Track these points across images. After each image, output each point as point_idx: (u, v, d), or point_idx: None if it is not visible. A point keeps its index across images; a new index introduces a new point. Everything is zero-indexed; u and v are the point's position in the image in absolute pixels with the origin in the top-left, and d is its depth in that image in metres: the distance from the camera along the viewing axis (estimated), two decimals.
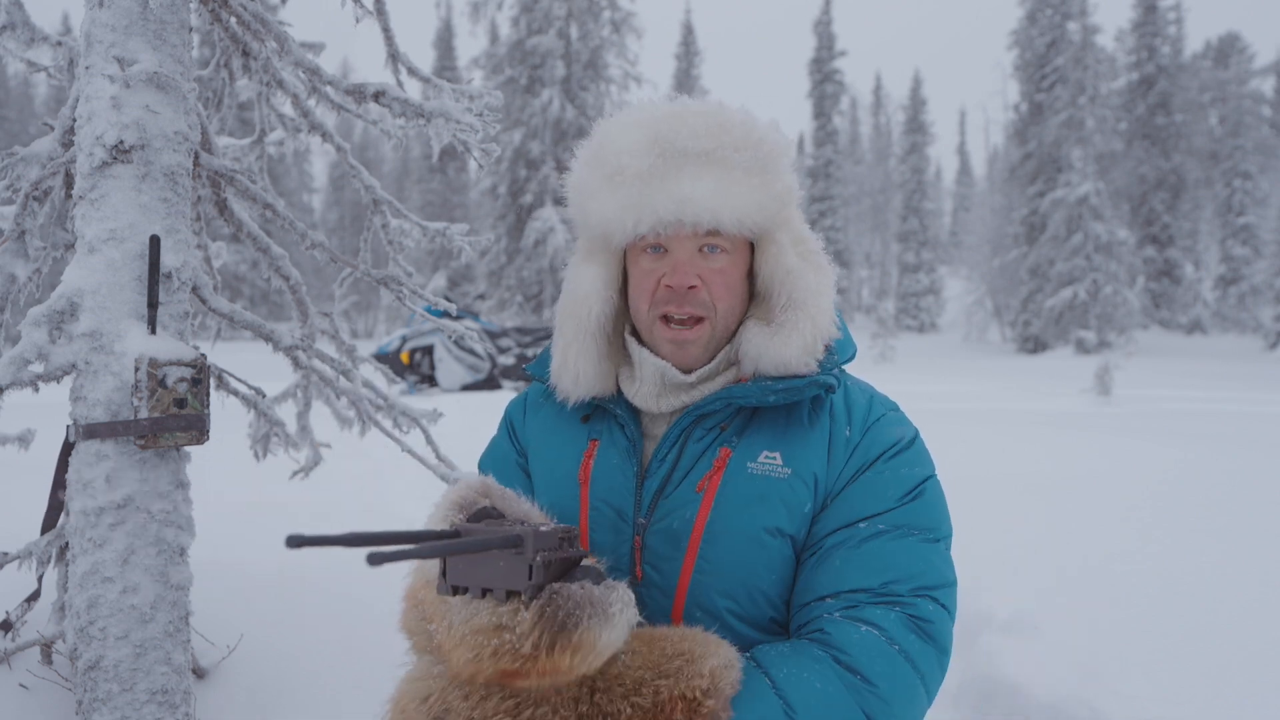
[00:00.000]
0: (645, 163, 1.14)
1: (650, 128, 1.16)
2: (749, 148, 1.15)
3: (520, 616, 0.92)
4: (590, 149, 1.22)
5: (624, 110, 1.22)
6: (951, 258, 48.30)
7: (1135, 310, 26.23)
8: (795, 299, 1.18)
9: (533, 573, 0.91)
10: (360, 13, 2.25)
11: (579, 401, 1.27)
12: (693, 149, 1.13)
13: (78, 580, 1.77)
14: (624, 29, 23.51)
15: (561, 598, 0.92)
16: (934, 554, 1.14)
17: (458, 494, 1.07)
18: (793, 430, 1.19)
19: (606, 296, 1.25)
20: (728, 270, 1.19)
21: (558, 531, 0.95)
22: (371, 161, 45.02)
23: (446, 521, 1.03)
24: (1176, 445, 6.50)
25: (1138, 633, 2.63)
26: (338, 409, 2.67)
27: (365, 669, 2.37)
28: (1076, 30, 28.61)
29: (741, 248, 1.21)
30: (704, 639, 1.05)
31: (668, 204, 1.13)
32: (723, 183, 1.13)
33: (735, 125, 1.16)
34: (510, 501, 1.09)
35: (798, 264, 1.20)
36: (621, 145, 1.16)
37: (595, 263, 1.26)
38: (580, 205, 1.22)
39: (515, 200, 23.57)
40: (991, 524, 3.95)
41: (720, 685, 1.00)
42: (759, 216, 1.16)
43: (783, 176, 1.19)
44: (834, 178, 37.69)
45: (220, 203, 2.30)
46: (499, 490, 1.10)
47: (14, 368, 1.74)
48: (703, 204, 1.12)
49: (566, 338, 1.25)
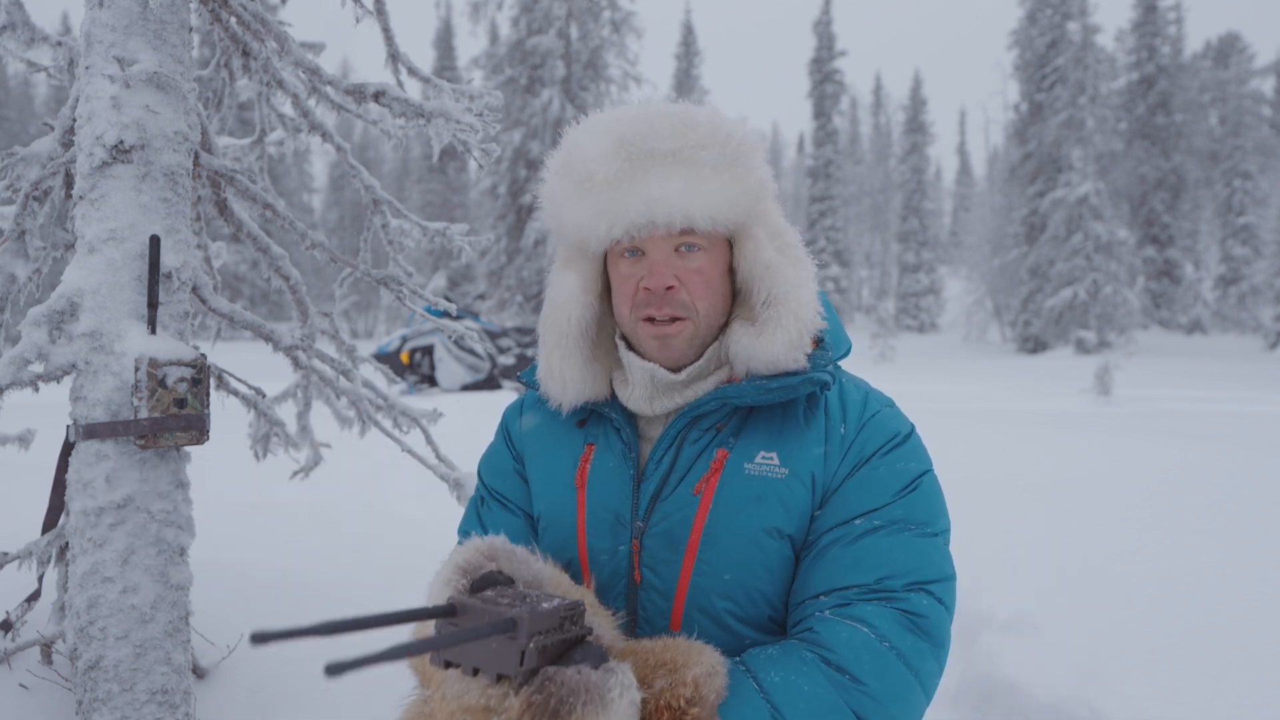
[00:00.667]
0: (613, 168, 1.13)
1: (615, 131, 1.15)
2: (716, 144, 1.15)
3: (509, 702, 0.89)
4: (560, 157, 1.22)
5: (590, 117, 1.22)
6: (951, 258, 48.31)
7: (1135, 310, 26.23)
8: (775, 294, 1.18)
9: (524, 658, 0.87)
10: (360, 13, 2.25)
11: (571, 407, 1.27)
12: (659, 150, 1.13)
13: (78, 580, 1.77)
14: (624, 29, 23.50)
15: (554, 684, 0.88)
16: (930, 548, 1.13)
17: (463, 558, 1.03)
18: (789, 429, 1.19)
19: (585, 302, 1.25)
20: (706, 269, 1.19)
21: (559, 610, 0.90)
22: (371, 161, 45.03)
23: (450, 586, 0.98)
24: (1176, 445, 6.50)
25: (1138, 633, 2.63)
26: (338, 409, 2.67)
27: (365, 669, 2.37)
28: (1076, 30, 28.62)
29: (719, 245, 1.21)
30: (687, 648, 1.03)
31: (638, 207, 1.13)
32: (692, 181, 1.13)
33: (700, 123, 1.16)
34: (519, 564, 1.03)
35: (776, 258, 1.20)
36: (589, 152, 1.16)
37: (573, 270, 1.26)
38: (554, 214, 1.22)
39: (515, 200, 23.56)
40: (991, 524, 3.95)
41: (705, 693, 0.99)
42: (732, 212, 1.16)
43: (755, 171, 1.18)
44: (834, 178, 37.69)
45: (220, 203, 2.30)
46: (507, 552, 1.04)
47: (14, 368, 1.74)
48: (673, 204, 1.12)
49: (549, 345, 1.26)
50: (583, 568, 1.21)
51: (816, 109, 38.58)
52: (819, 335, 1.21)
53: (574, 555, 1.21)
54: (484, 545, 1.05)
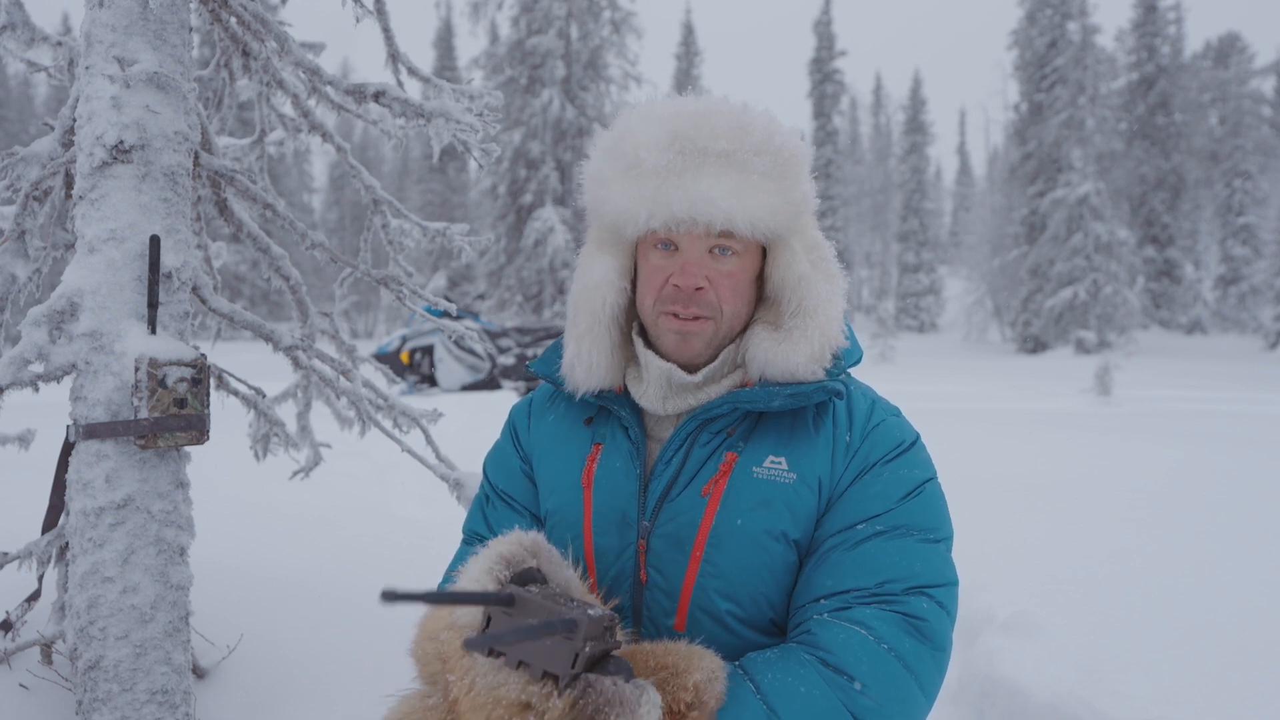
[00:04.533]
0: (664, 159, 1.13)
1: (672, 124, 1.15)
2: (769, 152, 1.14)
3: (552, 702, 0.89)
4: (610, 139, 1.21)
5: (647, 104, 1.21)
6: (951, 258, 48.29)
7: (1135, 310, 26.22)
8: (805, 306, 1.18)
9: (576, 661, 0.88)
10: (360, 13, 2.25)
11: (587, 393, 1.26)
12: (713, 149, 1.13)
13: (78, 580, 1.77)
14: (624, 29, 23.50)
15: (595, 692, 0.90)
16: (932, 554, 1.13)
17: (507, 549, 1.03)
18: (798, 435, 1.19)
19: (620, 287, 1.25)
20: (737, 274, 1.19)
21: (604, 620, 0.91)
22: (371, 161, 45.01)
23: (491, 576, 0.99)
24: (1176, 445, 6.50)
25: (1138, 633, 2.63)
26: (338, 409, 2.67)
27: (365, 669, 2.38)
28: (1076, 30, 28.60)
29: (753, 251, 1.21)
30: (688, 652, 1.04)
31: (683, 202, 1.12)
32: (740, 185, 1.12)
33: (757, 129, 1.15)
34: (555, 565, 1.05)
35: (809, 271, 1.20)
36: (641, 139, 1.16)
37: (608, 253, 1.25)
38: (595, 194, 1.22)
39: (515, 200, 23.56)
40: (991, 524, 3.95)
41: (705, 698, 0.99)
42: (773, 222, 1.15)
43: (800, 184, 1.18)
44: (834, 178, 37.67)
45: (220, 203, 2.30)
46: (546, 551, 1.06)
47: (14, 368, 1.74)
48: (718, 205, 1.12)
49: (580, 328, 1.25)
50: (589, 567, 1.21)
51: (816, 109, 38.58)
52: (837, 351, 1.21)
53: (580, 554, 1.21)
54: (528, 540, 1.05)
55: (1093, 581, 3.15)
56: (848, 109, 44.44)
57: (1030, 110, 30.37)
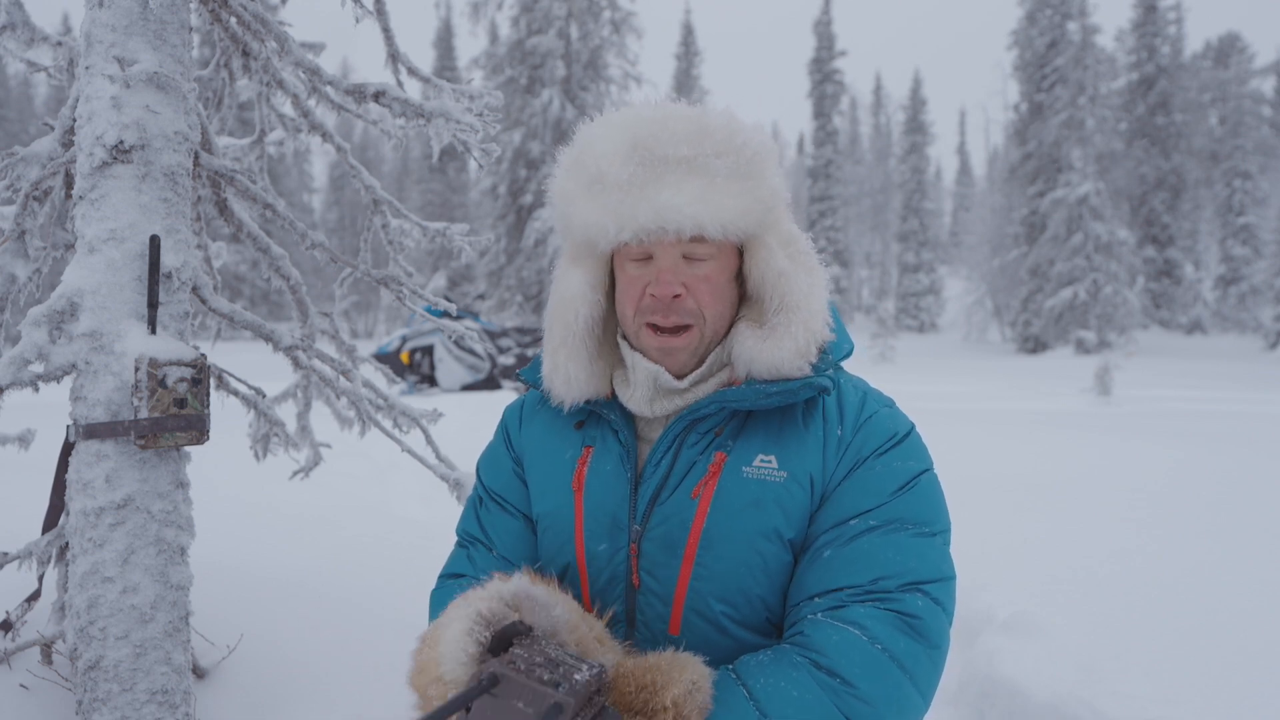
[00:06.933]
0: (625, 171, 1.12)
1: (630, 133, 1.14)
2: (731, 153, 1.13)
3: None
4: (572, 155, 1.20)
5: (605, 114, 1.20)
6: (951, 258, 48.28)
7: (1135, 310, 26.22)
8: (787, 302, 1.17)
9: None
10: (360, 13, 2.25)
11: (573, 405, 1.26)
12: (673, 155, 1.12)
13: (78, 580, 1.77)
14: (624, 29, 23.50)
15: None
16: (928, 548, 1.12)
17: (486, 607, 1.00)
18: (787, 432, 1.18)
19: (593, 300, 1.24)
20: (713, 276, 1.18)
21: (591, 684, 0.90)
22: (371, 161, 45.01)
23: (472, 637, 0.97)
24: (1176, 445, 6.50)
25: (1138, 633, 2.63)
26: (338, 409, 2.67)
27: (365, 669, 2.37)
28: (1076, 30, 28.61)
29: (728, 252, 1.20)
30: (668, 665, 1.02)
31: (649, 213, 1.11)
32: (705, 190, 1.11)
33: (717, 130, 1.14)
34: (539, 610, 1.01)
35: (788, 266, 1.19)
36: (601, 151, 1.15)
37: (581, 266, 1.25)
38: (563, 211, 1.21)
39: (515, 200, 23.56)
40: (991, 524, 3.95)
41: (686, 712, 0.99)
42: (744, 222, 1.14)
43: (768, 180, 1.17)
44: (834, 178, 37.69)
45: (220, 203, 2.30)
46: (528, 600, 1.02)
47: (14, 368, 1.74)
48: (684, 212, 1.11)
49: (555, 341, 1.25)
50: (580, 571, 1.20)
51: (816, 109, 38.58)
52: (823, 345, 1.20)
53: (572, 559, 1.21)
54: (507, 593, 1.02)
55: (1093, 581, 3.15)
56: (848, 109, 44.51)
57: (1030, 110, 30.38)
